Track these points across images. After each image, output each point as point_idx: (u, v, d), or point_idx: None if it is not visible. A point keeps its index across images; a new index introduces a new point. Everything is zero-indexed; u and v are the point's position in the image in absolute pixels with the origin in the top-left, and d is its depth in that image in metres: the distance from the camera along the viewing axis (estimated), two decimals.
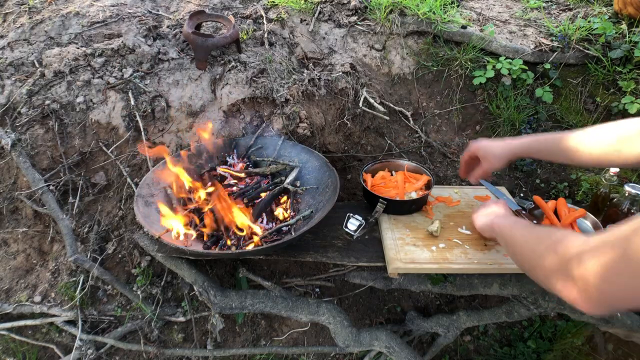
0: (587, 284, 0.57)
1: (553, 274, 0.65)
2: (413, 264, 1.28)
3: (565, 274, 0.61)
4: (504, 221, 1.00)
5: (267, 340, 1.77)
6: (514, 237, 0.88)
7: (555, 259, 0.65)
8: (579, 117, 1.88)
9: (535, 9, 2.29)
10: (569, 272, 0.60)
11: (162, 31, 1.83)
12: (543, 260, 0.69)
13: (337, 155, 1.84)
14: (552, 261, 0.66)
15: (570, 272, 0.60)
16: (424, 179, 1.54)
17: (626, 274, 0.53)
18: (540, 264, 0.69)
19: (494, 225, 1.04)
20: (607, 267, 0.55)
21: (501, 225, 0.99)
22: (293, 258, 1.41)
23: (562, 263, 0.62)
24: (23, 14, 1.92)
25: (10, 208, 1.63)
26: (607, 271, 0.55)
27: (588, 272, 0.57)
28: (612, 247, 0.55)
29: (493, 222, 1.05)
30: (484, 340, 1.98)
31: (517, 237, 0.86)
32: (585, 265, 0.58)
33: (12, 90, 1.62)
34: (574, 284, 0.59)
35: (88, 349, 1.55)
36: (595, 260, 0.56)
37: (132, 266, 1.59)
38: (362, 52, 2.03)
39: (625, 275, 0.53)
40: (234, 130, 1.68)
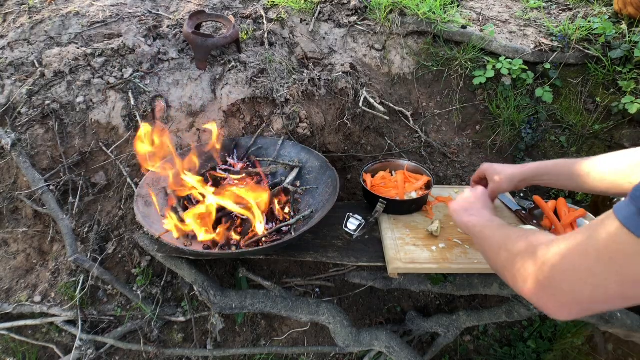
0: (556, 289, 0.57)
1: (525, 280, 0.64)
2: (413, 264, 1.28)
3: (539, 282, 0.61)
4: (477, 220, 0.98)
5: (267, 340, 1.77)
6: (485, 237, 0.87)
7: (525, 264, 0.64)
8: (579, 117, 1.88)
9: (535, 9, 2.29)
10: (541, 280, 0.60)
11: (162, 31, 1.83)
12: (512, 266, 0.68)
13: (337, 155, 1.84)
14: (522, 266, 0.65)
15: (543, 280, 0.60)
16: (424, 179, 1.54)
17: (592, 273, 0.53)
18: (510, 269, 0.69)
19: (469, 224, 1.01)
20: (572, 268, 0.55)
21: (475, 225, 0.97)
22: (293, 258, 1.41)
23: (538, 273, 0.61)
24: (23, 14, 1.92)
25: (11, 208, 1.63)
26: (573, 273, 0.55)
27: (556, 277, 0.57)
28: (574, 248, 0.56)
29: (469, 221, 1.01)
30: (484, 340, 1.98)
31: (489, 238, 0.85)
32: (552, 269, 0.58)
33: (12, 90, 1.62)
34: (545, 290, 0.60)
35: (88, 349, 1.55)
36: (561, 263, 0.57)
37: (132, 266, 1.59)
38: (362, 52, 2.02)
39: (591, 275, 0.53)
40: (234, 130, 1.68)
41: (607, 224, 0.53)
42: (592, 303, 0.55)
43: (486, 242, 0.85)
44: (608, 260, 0.51)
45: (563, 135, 1.90)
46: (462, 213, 1.06)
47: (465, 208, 1.07)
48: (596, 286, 0.53)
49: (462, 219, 1.05)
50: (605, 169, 0.98)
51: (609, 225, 0.52)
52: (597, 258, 0.53)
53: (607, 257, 0.52)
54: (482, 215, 1.00)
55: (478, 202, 1.08)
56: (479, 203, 1.08)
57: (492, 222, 0.92)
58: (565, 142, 1.89)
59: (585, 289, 0.54)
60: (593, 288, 0.53)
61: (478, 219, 0.98)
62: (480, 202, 1.08)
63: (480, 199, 1.10)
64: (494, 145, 1.95)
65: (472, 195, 1.12)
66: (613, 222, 0.52)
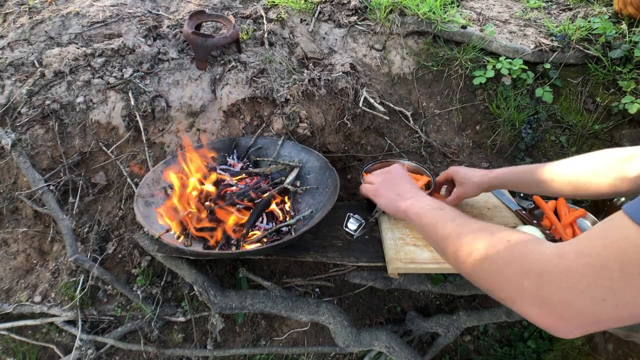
0: (568, 308, 0.49)
1: (519, 294, 0.55)
2: (413, 264, 1.28)
3: (537, 297, 0.52)
4: (419, 207, 0.83)
5: (267, 340, 1.77)
6: (440, 232, 0.73)
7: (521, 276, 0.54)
8: (579, 117, 1.88)
9: (535, 9, 2.29)
10: (543, 295, 0.51)
11: (162, 31, 1.83)
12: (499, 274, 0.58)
13: (337, 155, 1.84)
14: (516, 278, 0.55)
15: (546, 296, 0.51)
16: (424, 179, 1.54)
17: (614, 291, 0.46)
18: (495, 277, 0.59)
19: (409, 212, 0.86)
20: (591, 287, 0.47)
21: (420, 214, 0.82)
22: (293, 258, 1.41)
23: (534, 286, 0.52)
24: (23, 14, 1.92)
25: (11, 208, 1.63)
26: (592, 292, 0.47)
27: (571, 296, 0.49)
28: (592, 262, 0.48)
29: (408, 208, 0.86)
30: (484, 340, 1.98)
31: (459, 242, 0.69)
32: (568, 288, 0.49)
33: (12, 90, 1.62)
34: (551, 309, 0.51)
35: (88, 349, 1.55)
36: (576, 280, 0.48)
37: (132, 266, 1.59)
38: (362, 52, 2.02)
39: (614, 294, 0.46)
40: (234, 130, 1.68)
41: (626, 232, 0.46)
42: (614, 322, 0.48)
43: (445, 239, 0.72)
44: (635, 275, 0.44)
45: (563, 135, 1.90)
46: (393, 197, 0.92)
47: (391, 190, 0.95)
48: (621, 305, 0.46)
49: (395, 205, 0.90)
50: (568, 173, 0.99)
51: (630, 233, 0.45)
52: (621, 273, 0.45)
53: (635, 271, 0.44)
54: (420, 198, 0.87)
55: (401, 179, 0.97)
56: (402, 180, 0.96)
57: (441, 209, 0.80)
58: (565, 142, 1.89)
59: (606, 309, 0.47)
60: (617, 308, 0.46)
61: (419, 205, 0.84)
62: (405, 179, 0.97)
63: (402, 174, 0.99)
64: (494, 145, 1.95)
65: (392, 171, 1.00)
66: (633, 230, 0.45)
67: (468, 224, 0.71)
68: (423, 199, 0.86)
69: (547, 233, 1.40)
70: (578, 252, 0.50)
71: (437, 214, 0.78)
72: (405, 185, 0.95)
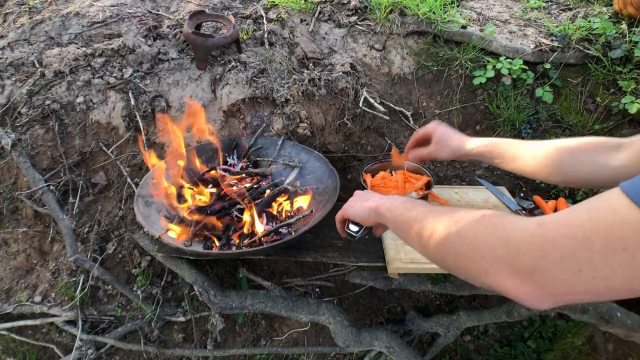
0: (541, 276, 0.48)
1: (492, 263, 0.53)
2: (413, 264, 1.28)
3: (511, 265, 0.51)
4: (384, 202, 0.83)
5: (267, 340, 1.77)
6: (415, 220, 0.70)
7: (495, 246, 0.53)
8: (579, 117, 1.88)
9: (535, 9, 2.29)
10: (518, 264, 0.50)
11: (162, 31, 1.83)
12: (470, 246, 0.56)
13: (337, 155, 1.84)
14: (489, 247, 0.54)
15: (521, 264, 0.50)
16: (424, 179, 1.54)
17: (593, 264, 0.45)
18: (465, 249, 0.57)
19: (380, 209, 0.83)
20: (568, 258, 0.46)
21: (392, 208, 0.80)
22: (293, 258, 1.42)
23: (509, 254, 0.51)
24: (23, 14, 1.92)
25: (11, 208, 1.63)
26: (569, 263, 0.46)
27: (546, 264, 0.48)
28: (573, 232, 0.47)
29: (378, 205, 0.85)
30: (484, 340, 1.98)
31: (424, 221, 0.67)
32: (545, 256, 0.48)
33: (12, 90, 1.62)
34: (525, 277, 0.50)
35: (88, 349, 1.55)
36: (553, 248, 0.48)
37: (132, 266, 1.59)
38: (362, 52, 2.02)
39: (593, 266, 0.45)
40: (234, 130, 1.68)
41: (616, 207, 0.44)
42: (588, 295, 0.48)
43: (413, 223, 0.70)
44: (619, 251, 0.43)
45: (563, 135, 1.90)
46: (361, 203, 0.92)
47: (359, 200, 0.95)
48: (598, 278, 0.45)
49: (365, 207, 0.89)
50: (546, 154, 0.95)
51: (620, 208, 0.44)
52: (604, 247, 0.44)
53: (619, 246, 0.43)
54: (390, 197, 0.86)
55: (367, 192, 0.98)
56: (368, 192, 0.97)
57: (412, 202, 0.78)
58: None
59: (582, 281, 0.46)
60: (594, 280, 0.45)
61: (390, 201, 0.83)
62: (371, 192, 0.98)
63: (367, 190, 0.99)
64: None
65: (357, 192, 1.01)
66: (625, 205, 0.44)
67: (440, 209, 0.70)
68: (394, 198, 0.85)
69: None
70: (558, 223, 0.49)
71: (409, 205, 0.76)
72: (372, 194, 0.95)
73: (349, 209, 0.97)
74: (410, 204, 0.76)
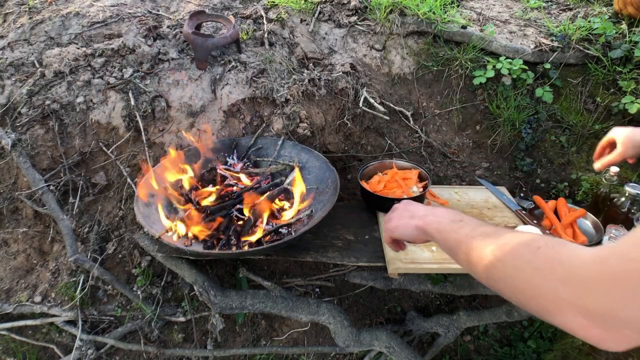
0: (613, 319, 0.45)
1: (555, 304, 0.49)
2: (413, 264, 1.28)
3: (578, 306, 0.47)
4: (440, 222, 0.76)
5: (267, 340, 1.77)
6: (462, 244, 0.66)
7: (555, 284, 0.49)
8: (579, 117, 1.88)
9: (535, 9, 2.29)
10: (585, 304, 0.46)
11: (162, 31, 1.83)
12: (527, 282, 0.52)
13: (337, 155, 1.84)
14: (548, 285, 0.50)
15: (588, 305, 0.46)
16: (415, 172, 1.57)
17: None
18: (523, 286, 0.53)
19: (429, 229, 0.78)
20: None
21: (440, 229, 0.75)
22: (293, 258, 1.42)
23: (573, 294, 0.47)
24: (23, 14, 1.92)
25: (11, 208, 1.63)
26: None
27: (615, 305, 0.44)
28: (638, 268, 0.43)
29: (426, 225, 0.79)
30: (484, 340, 1.98)
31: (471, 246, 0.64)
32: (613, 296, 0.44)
33: (13, 90, 1.62)
34: (595, 319, 0.46)
35: (88, 349, 1.55)
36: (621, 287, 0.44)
37: (132, 266, 1.59)
38: (362, 52, 2.02)
39: None
40: (234, 130, 1.68)
41: None
42: None
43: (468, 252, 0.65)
44: None
45: (563, 135, 1.90)
46: (407, 221, 0.84)
47: (402, 216, 0.86)
48: None
49: (412, 226, 0.82)
50: None
51: None
52: None
53: None
54: (435, 212, 0.80)
55: (408, 204, 0.89)
56: (410, 204, 0.89)
57: (460, 220, 0.72)
58: (565, 142, 1.89)
59: None
60: None
61: (437, 219, 0.77)
62: (412, 203, 0.90)
63: (407, 202, 0.92)
64: (494, 145, 1.95)
65: (396, 207, 0.91)
66: None
67: (487, 229, 0.65)
68: (440, 212, 0.79)
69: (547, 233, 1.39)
70: (620, 257, 0.45)
71: (456, 226, 0.71)
72: (415, 207, 0.87)
73: (395, 230, 0.88)
74: (457, 225, 0.71)
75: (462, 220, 0.72)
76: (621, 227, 1.33)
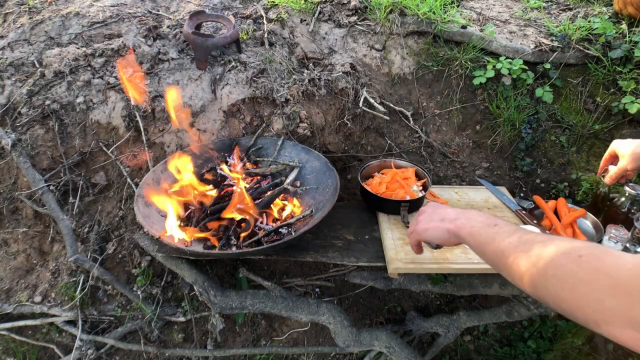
0: None
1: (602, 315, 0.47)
2: (413, 264, 1.28)
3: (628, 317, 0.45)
4: (473, 226, 0.74)
5: (267, 340, 1.77)
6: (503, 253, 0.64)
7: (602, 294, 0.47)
8: (579, 117, 1.88)
9: (535, 9, 2.29)
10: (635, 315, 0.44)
11: (162, 31, 1.83)
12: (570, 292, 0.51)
13: (337, 155, 1.84)
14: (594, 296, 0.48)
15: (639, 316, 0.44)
16: (412, 170, 1.57)
17: None
18: (568, 296, 0.51)
19: (461, 233, 0.76)
20: None
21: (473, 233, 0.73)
22: (293, 258, 1.41)
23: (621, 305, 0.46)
24: (23, 14, 1.92)
25: (11, 208, 1.63)
26: None
27: None
28: None
29: (458, 228, 0.77)
30: (484, 340, 1.98)
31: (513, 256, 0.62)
32: None
33: (13, 90, 1.62)
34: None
35: (88, 349, 1.55)
36: None
37: (132, 266, 1.59)
38: (362, 52, 2.02)
39: None
40: (234, 130, 1.68)
41: None
42: None
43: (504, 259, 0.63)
44: None
45: (563, 135, 1.90)
46: (438, 224, 0.83)
47: (433, 219, 0.85)
48: None
49: (443, 229, 0.81)
50: None
51: None
52: None
53: None
54: (469, 215, 0.78)
55: (437, 207, 0.88)
56: (439, 207, 0.88)
57: (495, 225, 0.70)
58: (565, 142, 1.89)
59: None
60: None
61: (470, 223, 0.75)
62: (441, 206, 0.88)
63: (435, 204, 0.90)
64: (494, 145, 1.95)
65: (424, 209, 0.90)
66: None
67: (526, 237, 0.63)
68: (472, 215, 0.78)
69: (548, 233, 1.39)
70: None
71: (492, 232, 0.69)
72: (443, 209, 0.86)
73: (424, 233, 0.86)
74: (492, 230, 0.69)
75: (497, 224, 0.70)
76: (621, 227, 1.33)
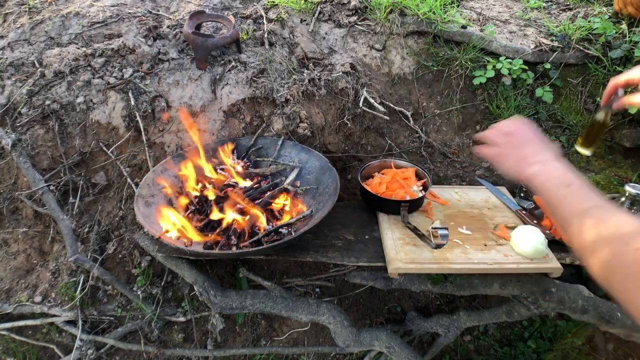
0: None
1: None
2: (413, 264, 1.28)
3: None
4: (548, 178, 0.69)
5: (267, 340, 1.77)
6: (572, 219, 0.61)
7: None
8: (579, 117, 1.88)
9: (536, 9, 2.29)
10: None
11: (162, 31, 1.83)
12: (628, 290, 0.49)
13: (337, 155, 1.84)
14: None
15: None
16: (412, 170, 1.57)
17: None
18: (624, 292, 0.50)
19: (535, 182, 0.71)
20: None
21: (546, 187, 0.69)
22: (293, 258, 1.41)
23: None
24: (23, 14, 1.92)
25: (11, 208, 1.63)
26: None
27: None
28: None
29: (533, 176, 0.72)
30: (484, 340, 1.97)
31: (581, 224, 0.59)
32: None
33: (13, 90, 1.62)
34: None
35: (88, 349, 1.55)
36: None
37: (132, 266, 1.59)
38: (362, 52, 2.02)
39: None
40: (234, 130, 1.68)
41: None
42: None
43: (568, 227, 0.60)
44: None
45: (563, 135, 1.90)
46: (516, 162, 0.76)
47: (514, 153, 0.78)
48: None
49: (517, 171, 0.75)
50: None
51: None
52: None
53: None
54: (547, 165, 0.72)
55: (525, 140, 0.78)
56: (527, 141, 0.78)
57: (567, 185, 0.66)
58: (565, 142, 1.89)
59: None
60: None
61: (545, 176, 0.70)
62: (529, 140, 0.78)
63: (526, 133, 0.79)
64: None
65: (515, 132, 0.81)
66: None
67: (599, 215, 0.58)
68: (550, 167, 0.71)
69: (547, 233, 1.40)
70: None
71: (562, 193, 0.66)
72: (530, 147, 0.77)
73: (504, 161, 0.79)
74: (565, 191, 0.65)
75: (570, 185, 0.66)
76: None
